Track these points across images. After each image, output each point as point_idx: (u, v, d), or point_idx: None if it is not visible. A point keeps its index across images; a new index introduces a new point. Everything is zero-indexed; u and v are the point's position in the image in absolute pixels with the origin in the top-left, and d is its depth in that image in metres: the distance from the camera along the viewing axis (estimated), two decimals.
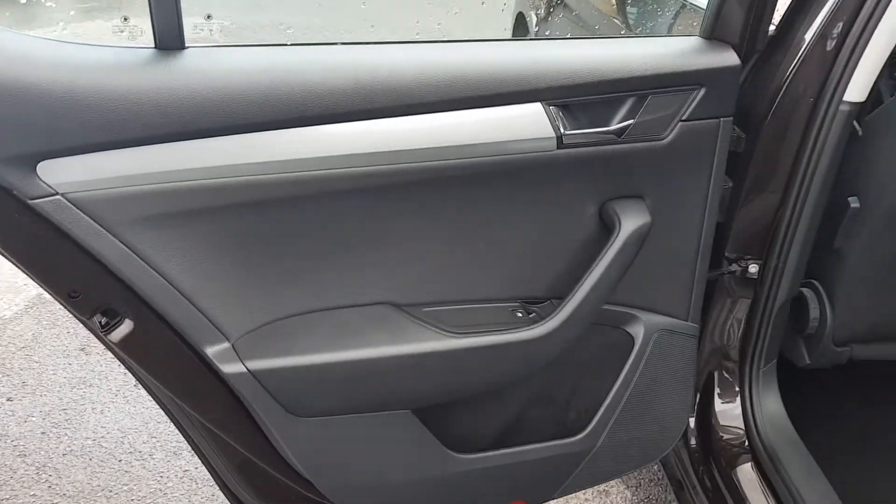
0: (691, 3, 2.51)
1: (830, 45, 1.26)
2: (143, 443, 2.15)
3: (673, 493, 1.84)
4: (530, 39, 1.21)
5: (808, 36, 1.28)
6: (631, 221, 1.20)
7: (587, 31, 2.92)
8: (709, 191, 1.27)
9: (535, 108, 1.11)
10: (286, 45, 1.09)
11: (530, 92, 1.10)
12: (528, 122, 1.11)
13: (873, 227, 1.47)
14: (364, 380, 1.17)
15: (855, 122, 1.35)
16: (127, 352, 1.07)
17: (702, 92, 1.17)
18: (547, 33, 3.09)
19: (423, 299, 1.22)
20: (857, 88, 1.27)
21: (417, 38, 1.15)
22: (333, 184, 1.06)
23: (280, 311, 1.14)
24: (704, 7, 1.25)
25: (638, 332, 1.34)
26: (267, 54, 1.07)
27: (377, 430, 1.24)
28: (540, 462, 1.36)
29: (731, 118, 1.22)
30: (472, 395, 1.29)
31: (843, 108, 1.28)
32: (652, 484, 2.05)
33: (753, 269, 1.44)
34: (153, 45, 0.99)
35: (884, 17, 1.21)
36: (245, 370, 1.10)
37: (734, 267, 1.44)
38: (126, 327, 1.04)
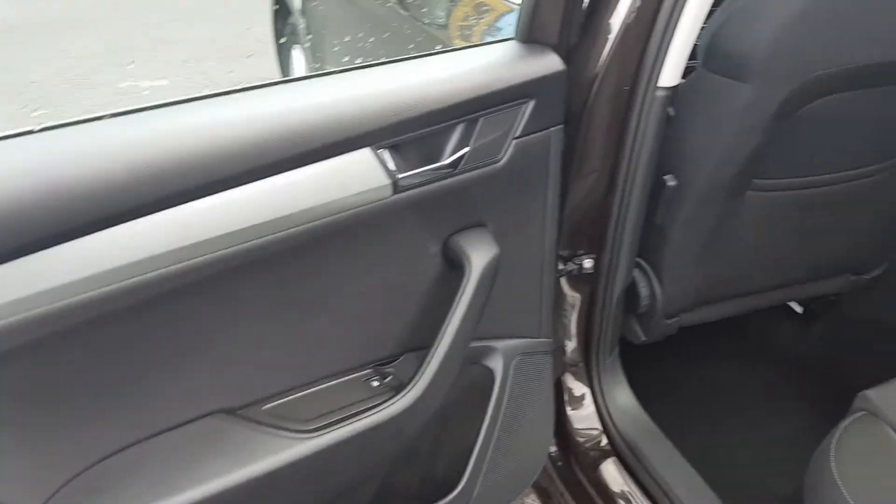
0: None
1: (640, 31, 1.21)
2: None
3: (532, 495, 1.80)
4: (340, 71, 1.00)
5: (615, 23, 1.22)
6: (480, 256, 1.07)
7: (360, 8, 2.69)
8: (546, 203, 1.19)
9: (364, 155, 0.94)
10: (32, 131, 0.81)
11: (355, 138, 0.93)
12: (358, 172, 0.94)
13: (690, 203, 1.48)
14: None
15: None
16: None
17: (531, 104, 1.08)
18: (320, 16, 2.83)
19: (261, 394, 1.01)
20: (671, 73, 1.24)
21: (205, 90, 0.90)
22: (121, 300, 0.81)
23: (85, 458, 0.88)
24: None
25: (497, 363, 1.24)
26: (6, 149, 0.79)
27: None
28: None
29: (562, 126, 1.14)
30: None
31: (659, 93, 1.24)
32: None
33: (588, 263, 1.39)
34: None
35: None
36: None
37: (570, 266, 1.39)
38: None
